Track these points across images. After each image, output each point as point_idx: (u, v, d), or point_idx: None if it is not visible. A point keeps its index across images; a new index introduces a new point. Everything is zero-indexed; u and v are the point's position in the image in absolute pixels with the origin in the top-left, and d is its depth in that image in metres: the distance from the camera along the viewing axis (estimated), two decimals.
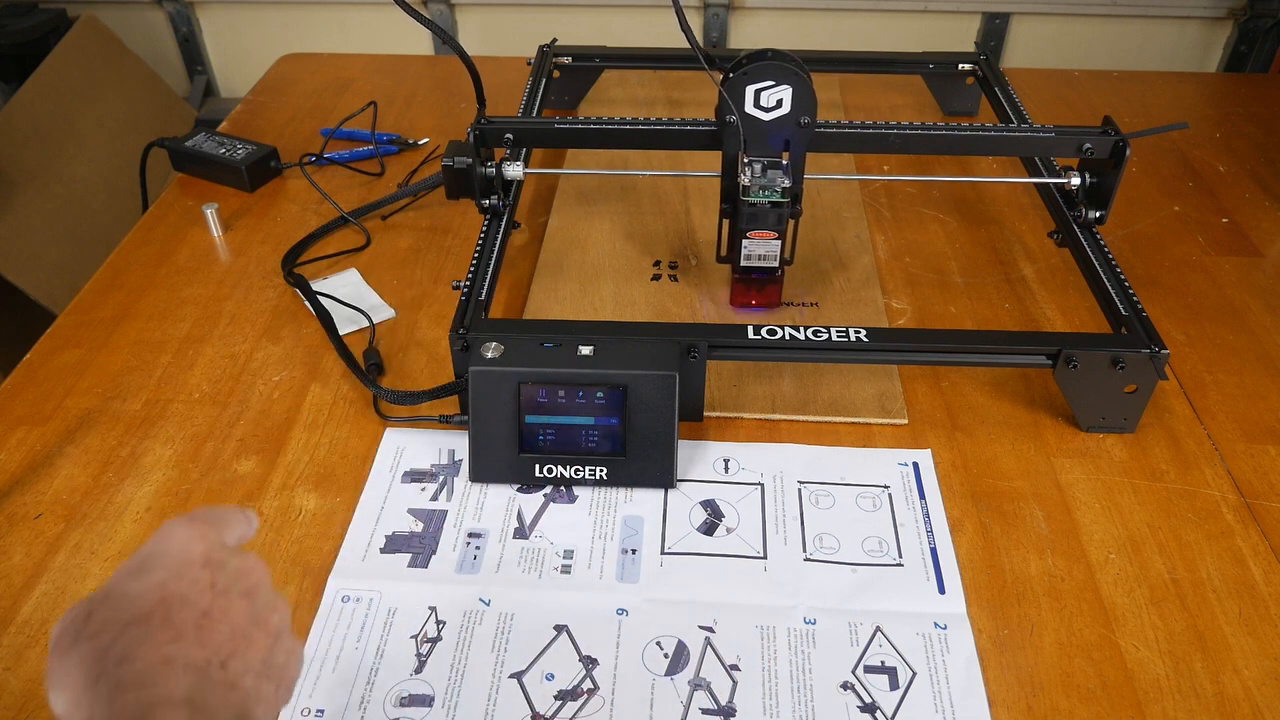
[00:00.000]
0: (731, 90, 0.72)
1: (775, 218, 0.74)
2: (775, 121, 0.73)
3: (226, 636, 0.38)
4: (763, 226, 0.75)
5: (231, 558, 0.42)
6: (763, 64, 0.71)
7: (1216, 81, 1.37)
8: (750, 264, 0.78)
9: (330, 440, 0.71)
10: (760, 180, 0.74)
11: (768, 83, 0.72)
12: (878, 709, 0.55)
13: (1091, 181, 0.80)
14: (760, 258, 0.77)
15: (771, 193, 0.73)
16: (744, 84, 0.72)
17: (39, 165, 1.40)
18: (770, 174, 0.74)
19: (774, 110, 0.73)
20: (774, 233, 0.75)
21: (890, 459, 0.70)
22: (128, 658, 0.36)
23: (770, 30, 1.76)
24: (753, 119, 0.73)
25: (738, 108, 0.73)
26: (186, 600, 0.38)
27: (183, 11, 1.86)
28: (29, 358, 0.78)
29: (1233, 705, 0.55)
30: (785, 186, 0.74)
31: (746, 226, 0.75)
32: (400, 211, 0.97)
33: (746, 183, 0.74)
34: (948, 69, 1.09)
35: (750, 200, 0.74)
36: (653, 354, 0.66)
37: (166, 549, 0.40)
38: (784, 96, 0.72)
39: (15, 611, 0.59)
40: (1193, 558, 0.63)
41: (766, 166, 0.75)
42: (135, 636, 0.36)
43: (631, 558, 0.63)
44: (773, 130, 0.74)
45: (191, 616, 0.38)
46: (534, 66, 1.06)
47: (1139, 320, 0.70)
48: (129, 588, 0.38)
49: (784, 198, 0.73)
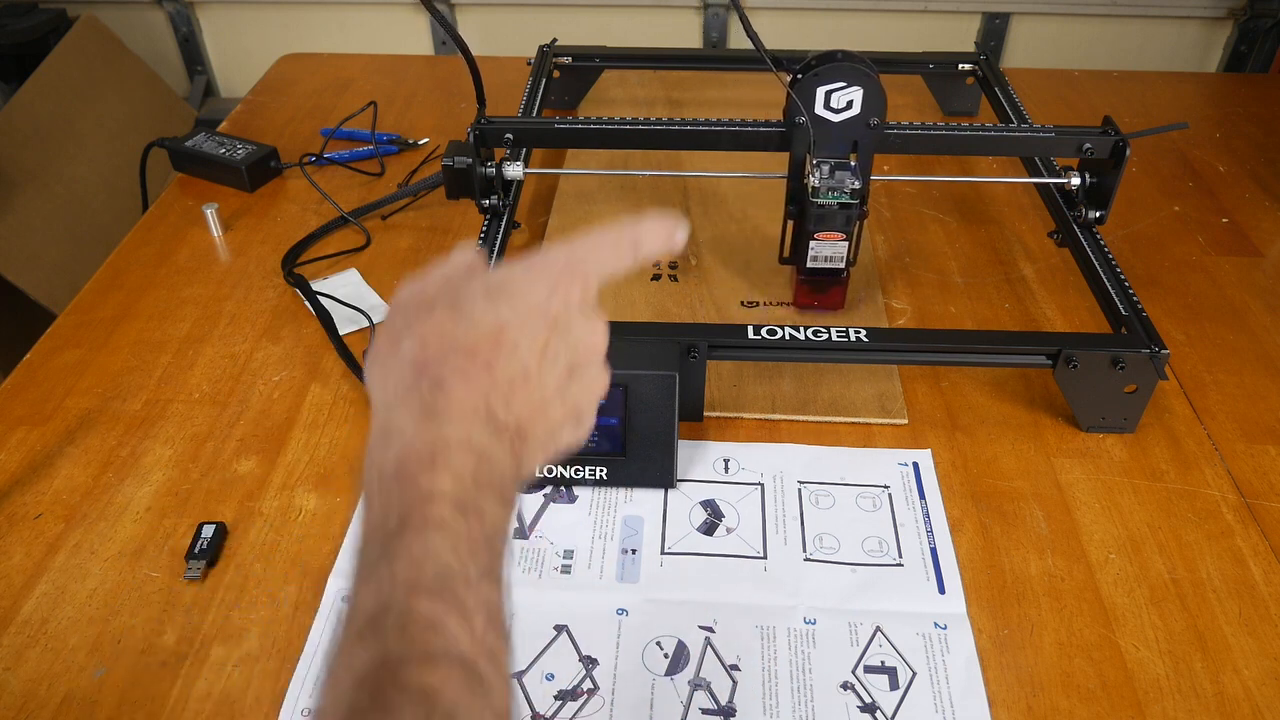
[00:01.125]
0: (801, 91, 0.72)
1: (844, 219, 0.74)
2: (845, 123, 0.73)
3: (534, 403, 0.38)
4: (831, 228, 0.75)
5: (578, 323, 0.40)
6: (835, 65, 0.71)
7: (1216, 81, 1.37)
8: (817, 265, 0.78)
9: (330, 440, 0.71)
10: (829, 181, 0.74)
11: (839, 84, 0.71)
12: (878, 709, 0.55)
13: (1091, 181, 0.80)
14: (827, 259, 0.77)
15: (840, 194, 0.73)
16: (815, 85, 0.72)
17: (39, 165, 1.40)
18: (839, 175, 0.74)
19: (844, 111, 0.73)
20: (842, 234, 0.75)
21: (890, 459, 0.70)
22: (443, 385, 0.36)
23: (770, 30, 1.75)
24: (822, 120, 0.73)
25: (808, 109, 0.73)
26: (516, 352, 0.37)
27: (183, 11, 1.86)
28: (29, 358, 0.79)
29: (1233, 705, 0.55)
30: (855, 188, 0.73)
31: (815, 228, 0.75)
32: (400, 211, 0.97)
33: (815, 184, 0.74)
34: (948, 69, 1.09)
35: (819, 201, 0.73)
36: (653, 354, 0.65)
37: (527, 291, 0.38)
38: (855, 98, 0.72)
39: (15, 611, 0.59)
40: (1193, 558, 0.63)
41: (835, 168, 0.74)
42: (457, 367, 0.36)
43: (631, 558, 0.63)
44: (842, 131, 0.74)
45: (513, 371, 0.37)
46: (534, 66, 1.06)
47: (1139, 320, 0.70)
48: (476, 309, 0.37)
49: (853, 199, 0.73)
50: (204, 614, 0.59)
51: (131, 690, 0.55)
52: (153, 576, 0.61)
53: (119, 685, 0.55)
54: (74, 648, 0.57)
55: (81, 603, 0.60)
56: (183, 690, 0.55)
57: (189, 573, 0.61)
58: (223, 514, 0.65)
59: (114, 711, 0.54)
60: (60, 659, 0.57)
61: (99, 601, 0.60)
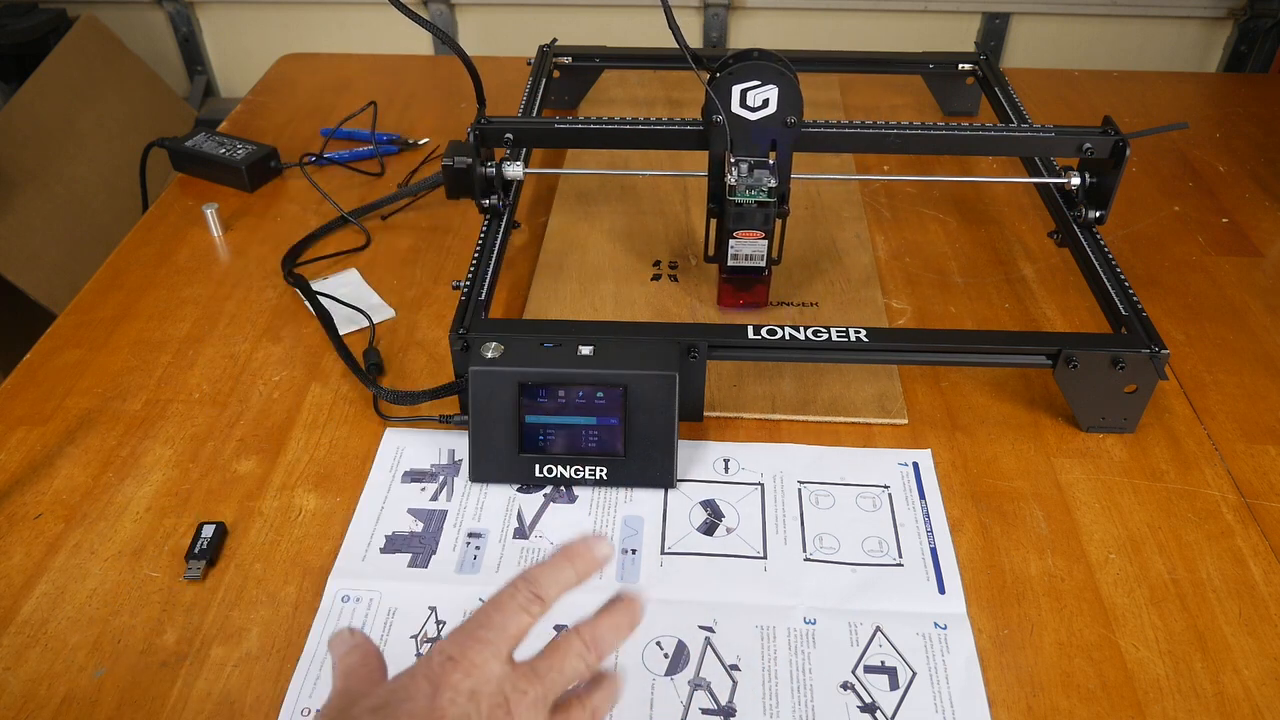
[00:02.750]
0: (718, 90, 0.72)
1: (762, 217, 0.74)
2: (762, 121, 0.73)
3: None
4: (750, 226, 0.75)
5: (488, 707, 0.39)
6: (748, 64, 0.71)
7: (1216, 81, 1.37)
8: (737, 264, 0.78)
9: (330, 440, 0.71)
10: (747, 180, 0.74)
11: (753, 82, 0.71)
12: (878, 709, 0.55)
13: (1091, 181, 0.80)
14: (747, 257, 0.77)
15: (758, 192, 0.73)
16: (730, 83, 0.72)
17: (39, 165, 1.40)
18: (757, 173, 0.74)
19: (760, 110, 0.73)
20: (760, 232, 0.75)
21: (890, 459, 0.70)
22: None
23: (770, 30, 1.76)
24: (739, 118, 0.73)
25: (724, 107, 0.73)
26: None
27: (183, 11, 1.86)
28: (29, 358, 0.79)
29: (1233, 705, 0.55)
30: (771, 186, 0.73)
31: (733, 226, 0.75)
32: (400, 211, 0.97)
33: (733, 182, 0.74)
34: (948, 69, 1.09)
35: (737, 200, 0.73)
36: (653, 354, 0.66)
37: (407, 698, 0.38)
38: (770, 96, 0.72)
39: (15, 611, 0.59)
40: (1193, 558, 0.63)
41: (753, 166, 0.74)
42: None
43: (631, 558, 0.63)
44: (759, 130, 0.74)
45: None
46: (534, 66, 1.06)
47: (1139, 320, 0.70)
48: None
49: (770, 197, 0.73)
50: (204, 614, 0.59)
51: (131, 690, 0.55)
52: (153, 576, 0.61)
53: (119, 685, 0.55)
54: (74, 648, 0.57)
55: (81, 603, 0.60)
56: (183, 690, 0.55)
57: (189, 573, 0.61)
58: (223, 514, 0.65)
59: (114, 711, 0.54)
60: (60, 659, 0.57)
61: (99, 601, 0.60)
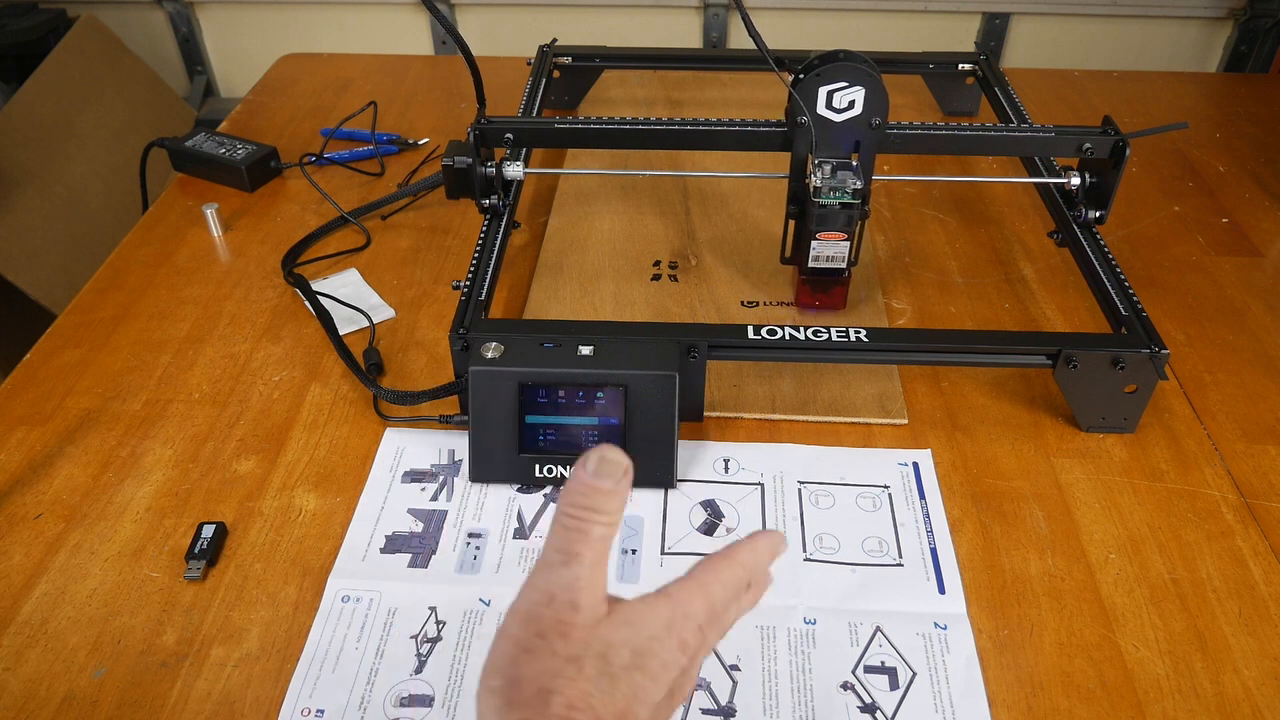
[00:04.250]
0: (804, 91, 0.72)
1: (846, 219, 0.74)
2: (847, 123, 0.73)
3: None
4: (833, 228, 0.75)
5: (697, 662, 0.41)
6: (837, 65, 0.71)
7: (1216, 81, 1.37)
8: (819, 265, 0.78)
9: (330, 440, 0.71)
10: (831, 181, 0.74)
11: (841, 84, 0.71)
12: (878, 709, 0.55)
13: (1091, 181, 0.80)
14: (829, 259, 0.77)
15: (842, 194, 0.73)
16: (817, 85, 0.72)
17: (39, 165, 1.40)
18: (841, 175, 0.74)
19: (846, 111, 0.73)
20: (844, 234, 0.75)
21: (890, 459, 0.70)
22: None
23: (770, 30, 1.75)
24: (824, 120, 0.73)
25: (809, 109, 0.73)
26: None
27: (183, 11, 1.86)
28: (29, 358, 0.79)
29: (1233, 705, 0.55)
30: (856, 188, 0.73)
31: (817, 228, 0.75)
32: (400, 211, 0.97)
33: (818, 184, 0.74)
34: (948, 69, 1.09)
35: (821, 202, 0.73)
36: (653, 354, 0.66)
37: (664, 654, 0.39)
38: (856, 98, 0.72)
39: (15, 611, 0.59)
40: (1193, 558, 0.63)
41: (837, 168, 0.74)
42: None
43: (631, 558, 0.63)
44: (844, 131, 0.74)
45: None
46: (534, 66, 1.06)
47: (1139, 320, 0.70)
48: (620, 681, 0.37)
49: (854, 199, 0.73)
50: (204, 614, 0.59)
51: (131, 690, 0.55)
52: (153, 576, 0.61)
53: (119, 685, 0.55)
54: (74, 648, 0.57)
55: (81, 603, 0.60)
56: (183, 690, 0.55)
57: (189, 573, 0.61)
58: (223, 514, 0.65)
59: (114, 711, 0.54)
60: (60, 659, 0.57)
61: (99, 601, 0.60)
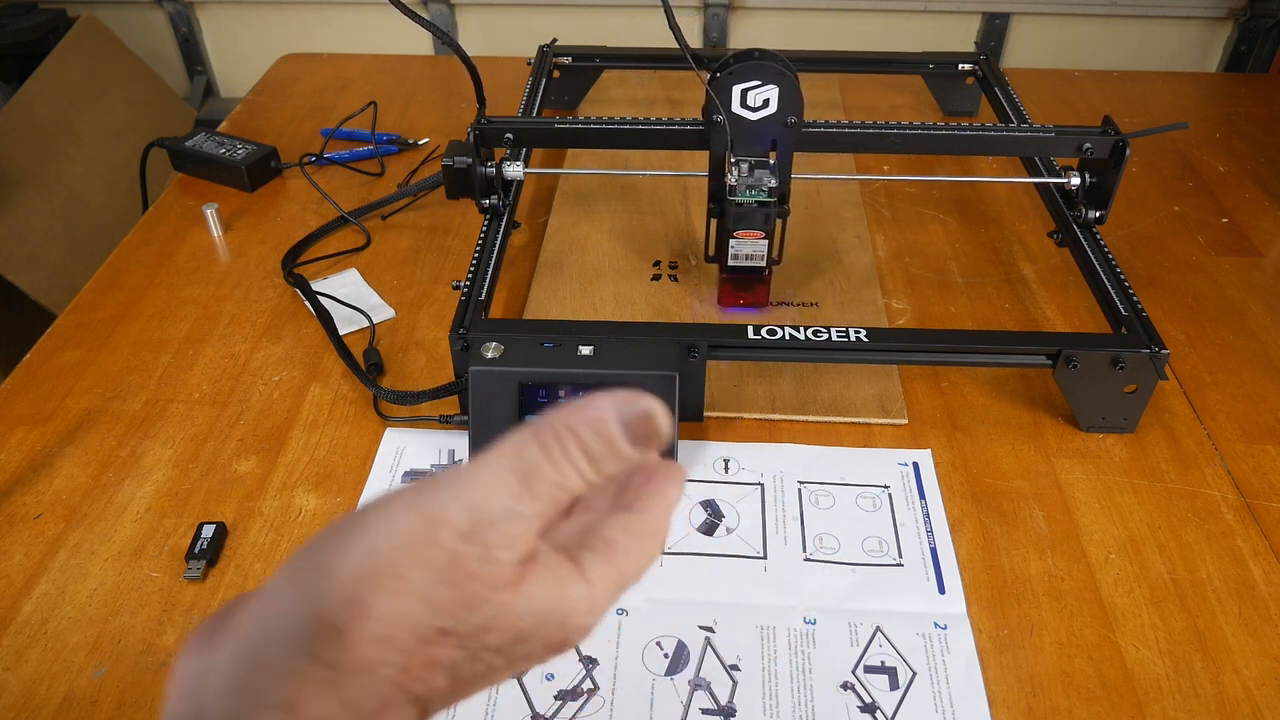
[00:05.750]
0: (718, 90, 0.72)
1: (762, 217, 0.74)
2: (762, 121, 0.73)
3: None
4: (750, 226, 0.75)
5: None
6: (749, 63, 0.71)
7: (1216, 81, 1.37)
8: (738, 264, 0.78)
9: (330, 440, 0.71)
10: (747, 180, 0.74)
11: (754, 82, 0.71)
12: (878, 709, 0.55)
13: (1091, 181, 0.80)
14: (748, 257, 0.77)
15: (758, 192, 0.73)
16: (730, 83, 0.72)
17: (39, 165, 1.40)
18: (757, 173, 0.74)
19: (761, 110, 0.73)
20: (761, 232, 0.75)
21: (890, 459, 0.70)
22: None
23: (770, 30, 1.76)
24: (740, 118, 0.73)
25: (724, 107, 0.73)
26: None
27: (183, 11, 1.86)
28: (29, 358, 0.79)
29: (1233, 705, 0.55)
30: (772, 186, 0.73)
31: (734, 226, 0.75)
32: (400, 211, 0.97)
33: (733, 182, 0.74)
34: (948, 69, 1.09)
35: (737, 200, 0.74)
36: (653, 354, 0.66)
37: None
38: (770, 96, 0.72)
39: (15, 611, 0.59)
40: (1193, 558, 0.63)
41: (754, 166, 0.74)
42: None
43: None
44: (760, 130, 0.74)
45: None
46: (534, 66, 1.06)
47: (1139, 320, 0.70)
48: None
49: (771, 197, 0.73)
50: (204, 614, 0.59)
51: (131, 690, 0.55)
52: (153, 576, 0.61)
53: (119, 685, 0.55)
54: (74, 648, 0.57)
55: (81, 603, 0.60)
56: None
57: (189, 573, 0.61)
58: (223, 514, 0.65)
59: (114, 711, 0.54)
60: (60, 659, 0.57)
61: (99, 601, 0.60)
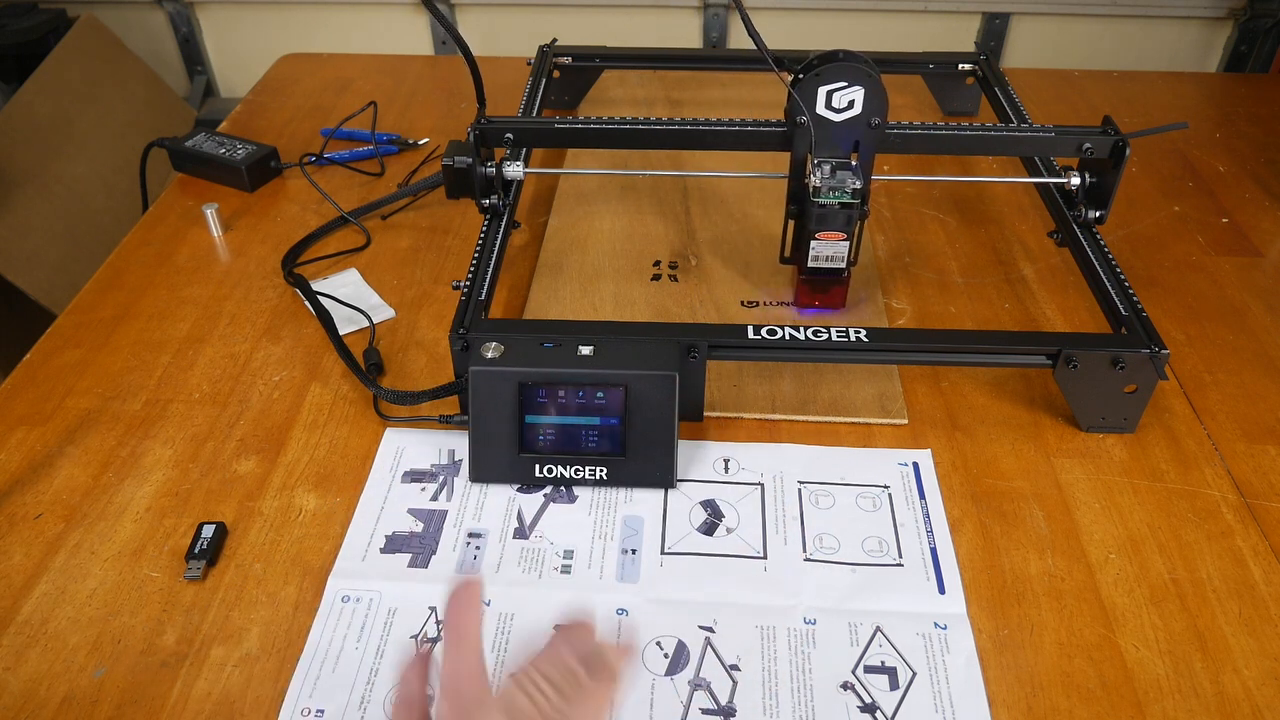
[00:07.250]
0: (803, 91, 0.72)
1: (845, 219, 0.74)
2: (846, 123, 0.73)
3: None
4: (832, 228, 0.75)
5: None
6: (836, 65, 0.71)
7: (1216, 81, 1.37)
8: (818, 265, 0.78)
9: (330, 440, 0.71)
10: (830, 181, 0.74)
11: (841, 84, 0.71)
12: (878, 709, 0.55)
13: (1091, 181, 0.80)
14: (828, 259, 0.77)
15: (841, 194, 0.73)
16: (816, 85, 0.72)
17: (39, 165, 1.40)
18: (840, 175, 0.74)
19: (845, 111, 0.73)
20: (843, 234, 0.75)
21: (890, 459, 0.70)
22: None
23: (770, 30, 1.75)
24: (823, 120, 0.73)
25: (809, 109, 0.73)
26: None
27: (183, 11, 1.86)
28: (29, 358, 0.79)
29: (1233, 705, 0.55)
30: (855, 188, 0.73)
31: (816, 228, 0.75)
32: (400, 211, 0.97)
33: (817, 184, 0.74)
34: (948, 69, 1.09)
35: (820, 201, 0.73)
36: (653, 354, 0.66)
37: None
38: (856, 98, 0.72)
39: (15, 611, 0.59)
40: (1193, 558, 0.63)
41: (836, 167, 0.74)
42: None
43: (631, 558, 0.63)
44: (843, 131, 0.74)
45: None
46: (534, 66, 1.06)
47: (1139, 320, 0.70)
48: None
49: (854, 199, 0.73)
50: (204, 614, 0.59)
51: (131, 690, 0.55)
52: (153, 576, 0.61)
53: (119, 685, 0.55)
54: (74, 648, 0.57)
55: (81, 603, 0.60)
56: (182, 690, 0.55)
57: (189, 573, 0.61)
58: (223, 514, 0.65)
59: (114, 711, 0.54)
60: (60, 659, 0.57)
61: (99, 601, 0.60)
